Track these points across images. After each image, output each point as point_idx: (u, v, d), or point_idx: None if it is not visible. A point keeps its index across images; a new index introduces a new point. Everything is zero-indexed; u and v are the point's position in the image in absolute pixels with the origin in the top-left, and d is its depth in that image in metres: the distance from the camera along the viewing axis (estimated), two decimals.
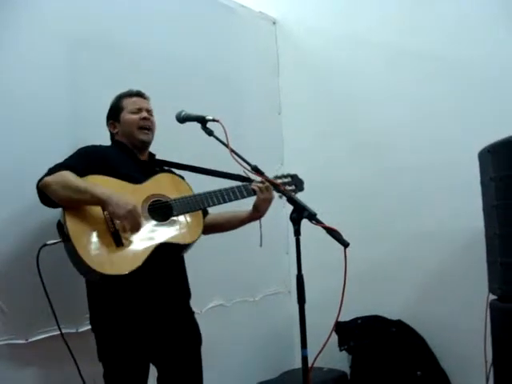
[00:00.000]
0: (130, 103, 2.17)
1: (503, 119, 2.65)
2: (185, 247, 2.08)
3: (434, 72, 3.05)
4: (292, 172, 2.32)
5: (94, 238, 1.88)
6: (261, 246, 2.25)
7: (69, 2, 2.38)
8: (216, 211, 2.26)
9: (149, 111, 2.19)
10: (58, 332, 2.01)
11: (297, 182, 2.32)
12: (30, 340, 2.11)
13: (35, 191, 1.94)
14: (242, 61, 3.34)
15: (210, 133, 2.02)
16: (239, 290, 3.14)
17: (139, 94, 2.21)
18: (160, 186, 2.08)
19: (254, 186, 2.15)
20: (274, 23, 3.66)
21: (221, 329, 2.87)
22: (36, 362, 2.14)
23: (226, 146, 1.92)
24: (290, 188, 2.28)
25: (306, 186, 2.35)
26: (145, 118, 2.15)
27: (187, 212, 2.06)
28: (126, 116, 2.15)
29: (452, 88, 2.96)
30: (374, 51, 3.27)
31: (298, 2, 3.61)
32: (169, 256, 2.03)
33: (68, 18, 2.36)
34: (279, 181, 2.24)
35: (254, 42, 3.49)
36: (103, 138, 2.20)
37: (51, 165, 1.97)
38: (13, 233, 2.12)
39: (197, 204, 2.08)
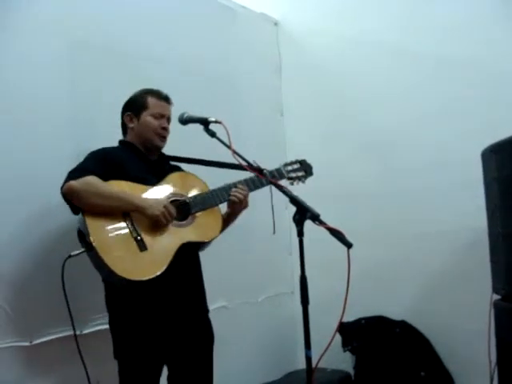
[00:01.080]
0: (155, 105, 2.15)
1: (506, 119, 2.65)
2: (205, 244, 2.11)
3: (435, 72, 3.05)
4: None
5: (118, 244, 1.89)
6: (274, 233, 2.25)
7: (69, 3, 2.39)
8: None
9: (169, 120, 2.19)
10: (63, 334, 2.01)
11: (306, 168, 2.37)
12: (34, 342, 2.11)
13: (37, 196, 1.94)
14: (244, 62, 3.34)
15: (212, 134, 2.02)
16: (242, 291, 3.14)
17: (167, 99, 2.19)
18: (175, 184, 2.10)
19: (232, 195, 2.12)
20: (276, 24, 3.67)
21: (224, 330, 2.85)
22: (40, 365, 2.15)
23: (229, 147, 1.92)
24: (300, 174, 2.33)
25: (308, 187, 2.35)
26: (164, 128, 2.15)
27: (205, 209, 2.08)
28: (148, 118, 2.13)
29: (454, 88, 2.95)
30: (376, 51, 3.26)
31: (300, 3, 3.61)
32: (189, 255, 2.05)
33: (68, 19, 2.37)
34: (288, 167, 2.32)
35: (255, 43, 3.49)
36: (103, 139, 2.19)
37: (51, 167, 1.97)
38: (15, 237, 2.12)
39: (213, 200, 2.10)
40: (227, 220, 2.21)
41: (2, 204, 2.08)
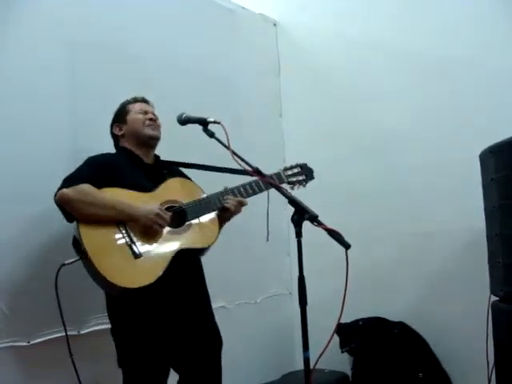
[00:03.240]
0: (136, 107, 2.21)
1: (505, 120, 2.65)
2: (203, 250, 2.10)
3: (434, 72, 3.05)
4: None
5: (112, 252, 1.88)
6: (267, 240, 2.25)
7: (69, 5, 2.39)
8: None
9: (154, 115, 2.23)
10: (60, 334, 2.01)
11: (307, 172, 2.35)
12: (32, 342, 2.12)
13: (36, 197, 1.94)
14: (243, 63, 3.34)
15: (211, 135, 2.01)
16: (240, 292, 3.14)
17: (144, 100, 2.25)
18: (171, 191, 2.09)
19: (226, 203, 2.12)
20: (275, 25, 3.67)
21: (222, 331, 2.84)
22: (38, 364, 2.15)
23: (228, 148, 1.91)
24: (300, 178, 2.32)
25: (306, 187, 2.35)
26: (151, 119, 2.19)
27: (201, 215, 2.07)
28: (133, 116, 2.18)
29: (453, 88, 2.96)
30: (375, 52, 3.27)
31: (299, 4, 3.62)
32: (188, 261, 2.04)
33: (68, 18, 2.38)
34: (289, 172, 2.32)
35: (254, 43, 3.50)
36: (103, 142, 2.20)
37: (51, 167, 1.97)
38: (14, 238, 2.12)
39: (210, 206, 2.10)
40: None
41: (1, 204, 2.08)
